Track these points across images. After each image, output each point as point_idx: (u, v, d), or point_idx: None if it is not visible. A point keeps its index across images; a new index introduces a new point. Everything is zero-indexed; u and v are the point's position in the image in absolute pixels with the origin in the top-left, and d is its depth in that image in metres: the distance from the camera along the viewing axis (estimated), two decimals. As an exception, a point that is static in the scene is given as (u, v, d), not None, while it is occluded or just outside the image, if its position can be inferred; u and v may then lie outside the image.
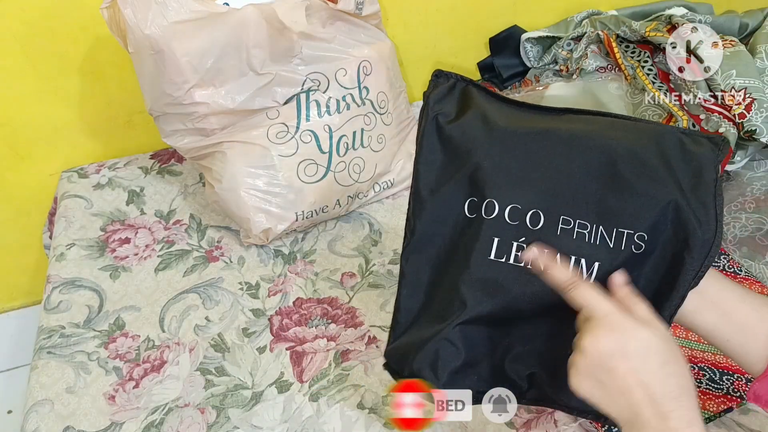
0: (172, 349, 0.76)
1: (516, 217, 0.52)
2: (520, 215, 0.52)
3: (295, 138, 0.84)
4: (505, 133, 0.54)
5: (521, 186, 0.52)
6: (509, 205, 0.52)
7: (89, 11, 0.91)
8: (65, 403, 0.71)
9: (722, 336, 0.52)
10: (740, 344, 0.51)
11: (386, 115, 0.91)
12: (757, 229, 0.85)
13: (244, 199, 0.83)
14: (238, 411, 0.69)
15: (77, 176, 1.02)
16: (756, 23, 1.01)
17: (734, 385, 0.65)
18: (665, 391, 0.44)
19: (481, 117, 0.55)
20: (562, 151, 0.53)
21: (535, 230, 0.52)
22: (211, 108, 0.80)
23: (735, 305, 0.51)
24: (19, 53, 0.93)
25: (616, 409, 0.45)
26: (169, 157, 1.05)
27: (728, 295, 0.52)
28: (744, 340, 0.51)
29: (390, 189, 0.96)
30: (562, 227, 0.52)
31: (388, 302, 0.81)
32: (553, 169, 0.52)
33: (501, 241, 0.52)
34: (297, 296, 0.82)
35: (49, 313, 0.81)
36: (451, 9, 1.12)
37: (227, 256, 0.88)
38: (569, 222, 0.52)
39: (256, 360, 0.74)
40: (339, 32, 0.86)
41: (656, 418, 0.43)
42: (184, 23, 0.75)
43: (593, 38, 1.06)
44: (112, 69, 0.99)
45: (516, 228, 0.52)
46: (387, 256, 0.87)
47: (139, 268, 0.87)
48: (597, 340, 0.45)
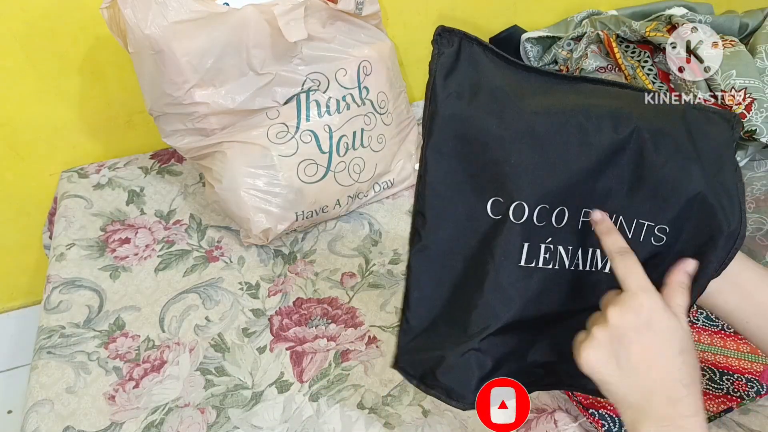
0: (172, 349, 0.76)
1: (543, 218, 0.49)
2: (547, 215, 0.49)
3: (295, 138, 0.84)
4: (525, 121, 0.49)
5: (548, 183, 0.48)
6: (539, 206, 0.48)
7: (89, 11, 0.91)
8: (65, 403, 0.71)
9: (742, 317, 0.51)
10: (758, 326, 0.50)
11: (386, 115, 0.91)
12: (757, 229, 0.85)
13: (244, 199, 0.83)
14: (238, 411, 0.69)
15: (77, 176, 1.02)
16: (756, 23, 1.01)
17: (734, 385, 0.65)
18: (680, 377, 0.44)
19: (496, 100, 0.50)
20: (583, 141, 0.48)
21: (559, 228, 0.50)
22: (211, 108, 0.80)
23: (756, 286, 0.51)
24: (19, 53, 0.93)
25: (624, 389, 0.45)
26: (169, 157, 1.05)
27: (750, 275, 0.51)
28: (763, 323, 0.50)
29: (390, 189, 0.96)
30: (583, 220, 0.50)
31: (388, 302, 0.81)
32: (577, 159, 0.48)
33: (530, 246, 0.49)
34: (297, 296, 0.82)
35: (49, 313, 0.81)
36: (451, 9, 1.12)
37: (227, 256, 0.88)
38: (589, 215, 0.50)
39: (256, 360, 0.74)
40: (339, 32, 0.86)
41: (666, 401, 0.43)
42: (184, 23, 0.75)
43: (593, 38, 1.06)
44: (112, 69, 0.99)
45: (543, 229, 0.49)
46: (387, 256, 0.87)
47: (139, 268, 0.87)
48: (624, 312, 0.45)
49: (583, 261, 0.52)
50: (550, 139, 0.48)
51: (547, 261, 0.50)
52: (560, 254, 0.50)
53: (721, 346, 0.69)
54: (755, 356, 0.68)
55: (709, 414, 0.63)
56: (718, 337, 0.70)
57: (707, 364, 0.68)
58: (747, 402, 0.64)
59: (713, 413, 0.63)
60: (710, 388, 0.65)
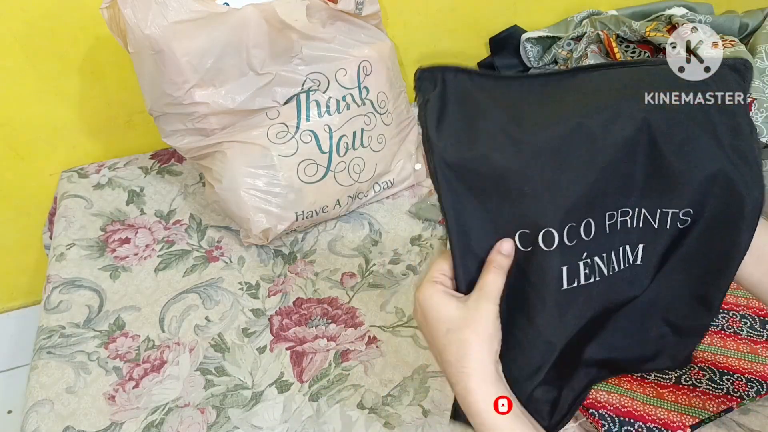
0: (172, 349, 0.76)
1: (574, 236, 0.47)
2: (576, 232, 0.48)
3: (295, 138, 0.84)
4: (531, 144, 0.47)
5: (568, 200, 0.46)
6: (566, 227, 0.47)
7: (89, 11, 0.91)
8: (65, 403, 0.71)
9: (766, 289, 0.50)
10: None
11: (386, 115, 0.91)
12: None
13: (244, 199, 0.83)
14: (238, 411, 0.69)
15: (77, 176, 1.02)
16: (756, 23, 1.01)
17: (734, 385, 0.65)
18: (447, 356, 0.47)
19: (496, 132, 0.48)
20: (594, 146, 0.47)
21: (589, 239, 0.48)
22: (211, 108, 0.80)
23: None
24: (19, 53, 0.93)
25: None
26: (169, 157, 1.05)
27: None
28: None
29: (390, 189, 0.96)
30: (609, 223, 0.49)
31: (388, 302, 0.81)
32: (591, 167, 0.47)
33: (569, 268, 0.48)
34: (297, 296, 0.82)
35: (49, 313, 0.81)
36: (451, 9, 1.12)
37: (227, 256, 0.88)
38: (613, 215, 0.49)
39: (256, 360, 0.74)
40: (339, 32, 0.86)
41: (451, 379, 0.48)
42: (184, 23, 0.75)
43: (593, 38, 1.06)
44: (112, 69, 0.99)
45: (576, 247, 0.48)
46: (387, 256, 0.87)
47: (139, 268, 0.87)
48: (419, 292, 0.50)
49: (617, 261, 0.51)
50: (560, 154, 0.46)
51: (588, 276, 0.49)
52: (597, 265, 0.50)
53: (721, 346, 0.69)
54: (755, 356, 0.68)
55: (709, 414, 0.63)
56: (718, 337, 0.70)
57: (707, 364, 0.68)
58: (747, 402, 0.64)
59: (713, 413, 0.63)
60: (710, 388, 0.65)
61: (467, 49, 1.18)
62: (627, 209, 0.49)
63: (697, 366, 0.68)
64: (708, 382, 0.66)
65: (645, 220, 0.50)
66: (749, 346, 0.69)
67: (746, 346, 0.69)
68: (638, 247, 0.50)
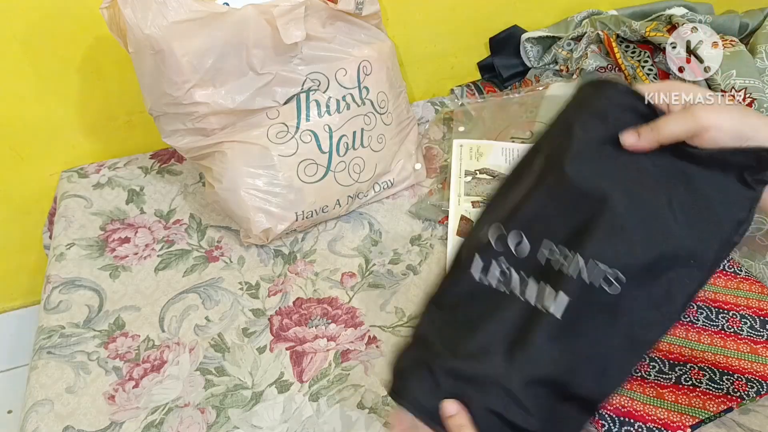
0: (172, 349, 0.76)
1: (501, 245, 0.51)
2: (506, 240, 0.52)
3: (295, 138, 0.84)
4: None
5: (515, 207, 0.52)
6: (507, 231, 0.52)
7: (89, 11, 0.91)
8: (65, 403, 0.71)
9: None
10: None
11: (386, 115, 0.91)
12: (757, 229, 0.85)
13: (244, 199, 0.83)
14: (238, 411, 0.69)
15: (77, 176, 1.02)
16: (756, 23, 1.01)
17: (734, 385, 0.65)
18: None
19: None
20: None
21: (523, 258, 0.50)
22: (211, 108, 0.80)
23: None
24: (19, 53, 0.93)
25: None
26: (169, 156, 1.05)
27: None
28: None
29: (390, 189, 0.96)
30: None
31: (388, 302, 0.81)
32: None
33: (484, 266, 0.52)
34: (297, 296, 0.82)
35: (49, 313, 0.81)
36: (451, 9, 1.12)
37: (227, 256, 0.88)
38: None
39: (256, 360, 0.74)
40: (339, 32, 0.86)
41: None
42: (184, 23, 0.75)
43: (593, 38, 1.06)
44: (112, 69, 0.99)
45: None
46: (387, 256, 0.87)
47: (138, 268, 0.87)
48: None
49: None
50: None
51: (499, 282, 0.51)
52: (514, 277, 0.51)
53: (721, 346, 0.69)
54: (755, 356, 0.68)
55: (709, 414, 0.63)
56: (718, 337, 0.70)
57: (707, 364, 0.68)
58: (747, 402, 0.64)
59: (713, 413, 0.63)
60: (710, 388, 0.65)
61: (467, 49, 1.18)
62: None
63: (697, 366, 0.68)
64: (708, 382, 0.66)
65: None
66: (749, 346, 0.69)
67: (746, 346, 0.69)
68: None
